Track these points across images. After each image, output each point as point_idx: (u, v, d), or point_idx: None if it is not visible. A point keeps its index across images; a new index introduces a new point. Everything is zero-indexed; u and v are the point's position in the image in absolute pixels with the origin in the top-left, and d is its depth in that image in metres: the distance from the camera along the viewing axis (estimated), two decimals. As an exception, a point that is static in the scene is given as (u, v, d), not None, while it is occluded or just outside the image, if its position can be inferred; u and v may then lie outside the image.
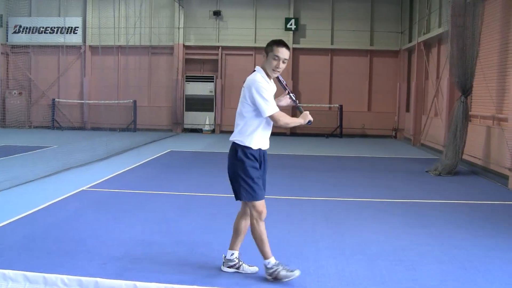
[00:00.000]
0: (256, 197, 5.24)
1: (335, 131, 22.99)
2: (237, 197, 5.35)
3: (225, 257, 5.61)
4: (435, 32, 18.44)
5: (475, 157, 14.26)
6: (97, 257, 5.91)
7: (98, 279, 4.97)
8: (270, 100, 5.16)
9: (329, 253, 5.67)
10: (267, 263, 5.32)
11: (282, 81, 5.51)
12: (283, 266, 5.31)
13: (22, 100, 24.11)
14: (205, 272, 5.55)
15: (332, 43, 24.09)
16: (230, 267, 5.57)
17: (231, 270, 5.56)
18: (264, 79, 5.21)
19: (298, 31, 24.00)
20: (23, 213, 7.91)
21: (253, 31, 24.24)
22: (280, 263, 5.32)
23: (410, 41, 22.60)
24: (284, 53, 5.21)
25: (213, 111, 24.27)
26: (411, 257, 6.23)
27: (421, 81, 21.08)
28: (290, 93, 5.53)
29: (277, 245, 5.87)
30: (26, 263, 5.59)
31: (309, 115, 5.37)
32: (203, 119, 24.09)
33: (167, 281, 5.17)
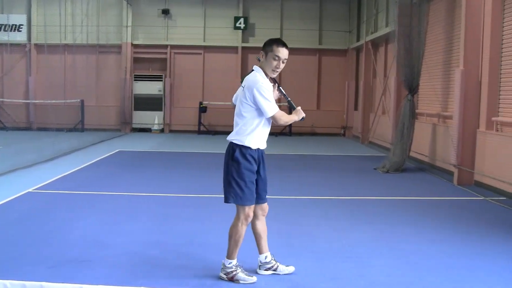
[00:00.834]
0: (245, 201, 5.21)
1: (284, 129, 23.07)
2: (225, 199, 5.27)
3: (260, 261, 5.55)
4: (383, 31, 18.74)
5: (422, 154, 14.56)
6: (45, 260, 5.76)
7: (43, 283, 4.86)
8: (272, 100, 5.14)
9: (278, 252, 5.69)
10: (228, 262, 5.29)
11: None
12: (242, 269, 5.31)
13: (-37, 99, 23.44)
14: (157, 272, 5.50)
15: (281, 42, 24.14)
16: (267, 269, 5.52)
17: (268, 272, 5.52)
18: (264, 79, 5.19)
19: (247, 30, 24.05)
20: (-34, 216, 7.70)
21: (202, 29, 24.15)
22: (239, 266, 5.32)
23: (358, 40, 22.90)
24: (284, 53, 5.18)
25: (162, 111, 24.10)
26: (359, 253, 6.32)
27: (369, 80, 21.40)
28: (279, 87, 5.45)
29: (226, 245, 5.86)
30: (-32, 268, 5.43)
31: (301, 111, 5.36)
32: (152, 119, 23.89)
33: (117, 283, 5.11)
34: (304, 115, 5.34)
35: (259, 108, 5.11)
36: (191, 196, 9.84)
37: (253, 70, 5.29)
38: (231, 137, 5.24)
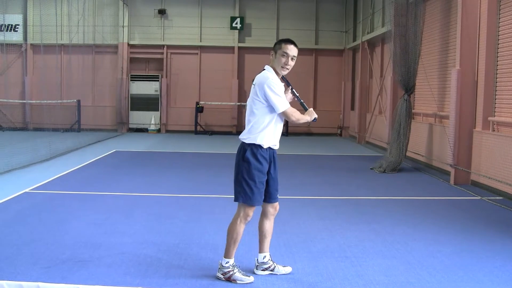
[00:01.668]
0: (254, 202, 5.22)
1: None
2: (235, 198, 5.30)
3: (258, 260, 5.55)
4: (379, 31, 18.75)
5: (418, 154, 14.58)
6: (40, 261, 5.76)
7: (40, 284, 4.85)
8: (282, 96, 5.18)
9: (275, 252, 5.69)
10: (225, 262, 5.29)
11: (284, 76, 5.50)
12: (238, 269, 5.31)
13: (-40, 100, 23.34)
14: (153, 272, 5.49)
15: (277, 42, 24.17)
16: (264, 269, 5.52)
17: (266, 272, 5.52)
18: (274, 76, 5.23)
19: (243, 30, 24.03)
20: (-38, 217, 7.67)
21: (198, 30, 24.14)
22: (236, 266, 5.32)
23: (354, 40, 22.92)
24: (292, 50, 5.24)
25: (158, 111, 24.10)
26: (355, 253, 6.32)
27: (365, 80, 21.41)
28: (293, 89, 5.49)
29: (222, 245, 5.84)
30: (-36, 269, 5.41)
31: (314, 112, 5.41)
32: (149, 119, 23.88)
33: (113, 283, 5.10)
34: (316, 116, 5.41)
35: (270, 104, 5.15)
36: (187, 196, 9.82)
37: (264, 69, 5.33)
38: (243, 136, 5.27)
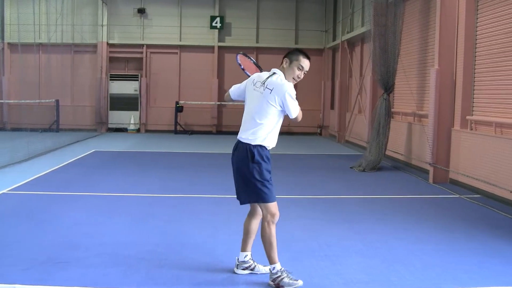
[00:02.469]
0: (271, 198, 5.22)
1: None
2: (250, 200, 5.29)
3: (238, 259, 5.53)
4: (358, 31, 18.84)
5: (397, 152, 14.67)
6: (19, 262, 5.69)
7: (16, 286, 4.80)
8: (296, 101, 5.25)
9: (254, 251, 5.67)
10: (272, 268, 5.23)
11: (251, 59, 5.73)
12: (287, 273, 5.22)
13: None
14: (133, 273, 5.46)
15: (257, 42, 24.23)
16: (244, 269, 5.50)
17: (246, 272, 5.50)
18: (291, 84, 5.26)
19: (223, 30, 24.00)
20: None
21: (178, 29, 24.06)
22: (285, 270, 5.24)
23: (334, 39, 23.00)
24: (307, 66, 5.35)
25: (138, 110, 23.98)
26: (335, 252, 6.35)
27: (345, 79, 21.49)
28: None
29: (203, 245, 5.85)
30: None
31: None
32: (128, 118, 23.76)
33: (92, 284, 5.07)
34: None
35: (285, 109, 5.22)
36: (168, 196, 9.79)
37: (274, 73, 5.32)
38: (248, 137, 5.22)
